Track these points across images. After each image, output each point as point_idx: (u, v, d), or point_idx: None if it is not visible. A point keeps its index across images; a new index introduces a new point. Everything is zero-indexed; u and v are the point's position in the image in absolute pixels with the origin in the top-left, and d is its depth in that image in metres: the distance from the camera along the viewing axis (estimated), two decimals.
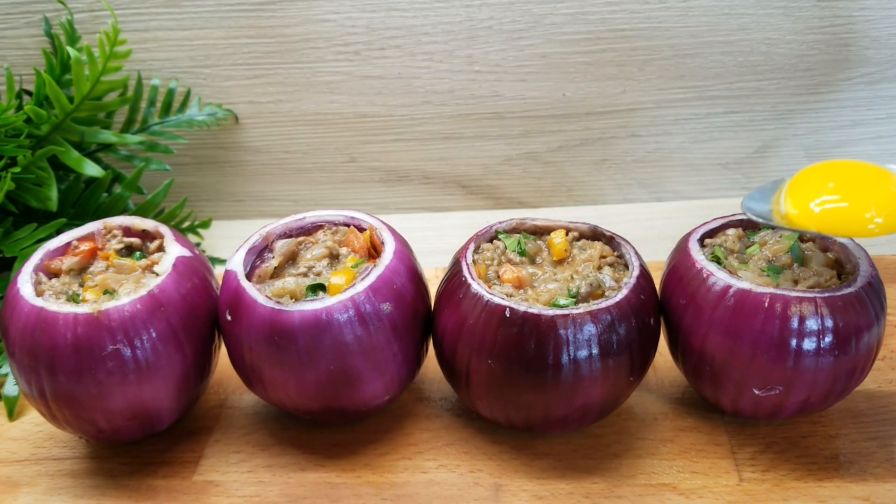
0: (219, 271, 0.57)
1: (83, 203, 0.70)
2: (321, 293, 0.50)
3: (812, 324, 0.46)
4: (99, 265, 0.53)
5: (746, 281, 0.48)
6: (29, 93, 0.71)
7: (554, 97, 0.77)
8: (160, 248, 0.55)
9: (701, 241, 0.53)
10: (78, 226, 0.56)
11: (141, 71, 0.77)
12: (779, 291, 0.47)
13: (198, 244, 0.79)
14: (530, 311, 0.47)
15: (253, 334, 0.49)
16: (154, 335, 0.49)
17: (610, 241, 0.54)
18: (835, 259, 0.52)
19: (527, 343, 0.47)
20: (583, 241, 0.55)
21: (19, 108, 0.70)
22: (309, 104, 0.79)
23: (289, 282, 0.51)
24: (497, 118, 0.79)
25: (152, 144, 0.76)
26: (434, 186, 0.84)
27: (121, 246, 0.54)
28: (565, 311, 0.47)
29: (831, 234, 0.46)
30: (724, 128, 0.79)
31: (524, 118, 0.79)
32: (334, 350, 0.48)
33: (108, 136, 0.71)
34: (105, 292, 0.51)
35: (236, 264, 0.52)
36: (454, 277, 0.51)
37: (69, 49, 0.67)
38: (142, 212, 0.71)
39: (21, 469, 0.54)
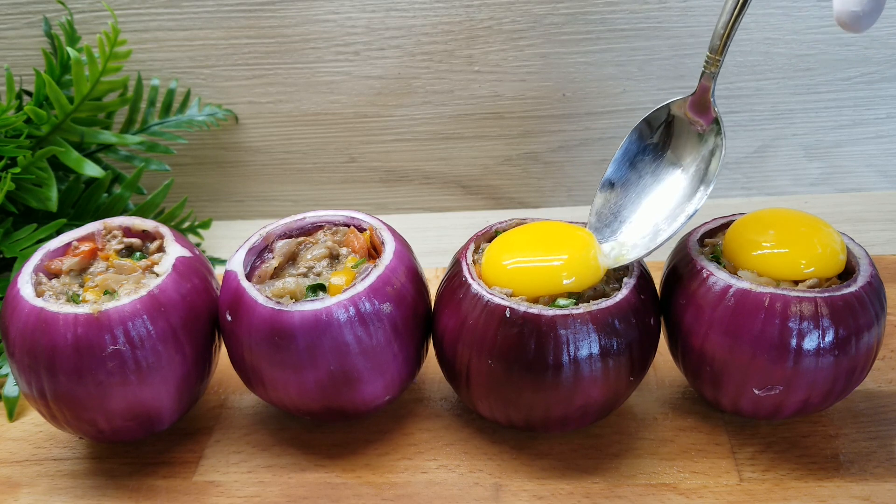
0: (219, 271, 0.57)
1: (83, 203, 0.70)
2: (321, 293, 0.50)
3: (812, 323, 0.46)
4: (99, 266, 0.53)
5: (746, 281, 0.48)
6: (29, 93, 0.71)
7: (554, 97, 0.77)
8: (160, 249, 0.55)
9: (701, 241, 0.53)
10: (78, 226, 0.56)
11: (141, 71, 0.77)
12: (779, 291, 0.47)
13: (198, 244, 0.79)
14: (530, 311, 0.47)
15: (253, 334, 0.49)
16: (154, 335, 0.49)
17: None
18: None
19: (527, 343, 0.47)
20: None
21: (19, 108, 0.70)
22: (309, 104, 0.79)
23: (289, 282, 0.51)
24: (497, 118, 0.79)
25: (152, 145, 0.76)
26: (434, 186, 0.84)
27: (121, 246, 0.54)
28: (565, 312, 0.47)
29: (766, 275, 0.49)
30: (724, 127, 0.79)
31: (524, 118, 0.79)
32: (334, 350, 0.48)
33: (108, 137, 0.71)
34: (105, 293, 0.51)
35: (236, 264, 0.52)
36: (454, 278, 0.51)
37: (69, 49, 0.67)
38: (142, 212, 0.71)
39: (21, 469, 0.54)
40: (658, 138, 0.53)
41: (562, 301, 0.48)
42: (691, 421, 0.54)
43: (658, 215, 0.51)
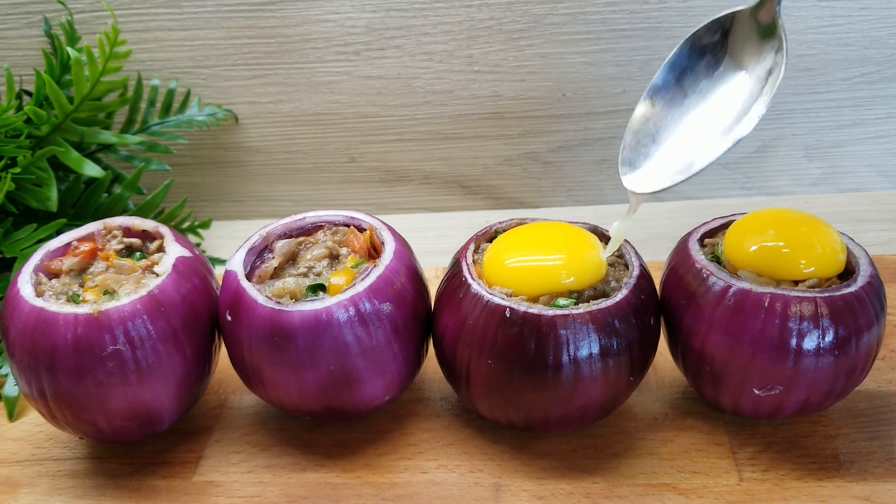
0: (219, 271, 0.57)
1: (83, 203, 0.70)
2: (321, 293, 0.50)
3: (812, 324, 0.46)
4: (99, 266, 0.53)
5: (746, 281, 0.48)
6: (29, 93, 0.71)
7: (554, 97, 0.77)
8: (160, 249, 0.55)
9: (701, 241, 0.53)
10: (78, 226, 0.56)
11: (141, 71, 0.77)
12: (779, 291, 0.47)
13: (198, 244, 0.79)
14: (530, 311, 0.47)
15: (253, 334, 0.49)
16: (154, 335, 0.49)
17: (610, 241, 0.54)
18: None
19: (527, 343, 0.47)
20: None
21: (19, 108, 0.70)
22: (309, 104, 0.79)
23: (289, 282, 0.51)
24: (497, 118, 0.79)
25: (152, 145, 0.76)
26: (434, 186, 0.84)
27: (121, 246, 0.54)
28: (565, 311, 0.47)
29: (766, 275, 0.49)
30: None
31: (524, 118, 0.79)
32: (334, 350, 0.48)
33: (108, 137, 0.71)
34: (105, 293, 0.51)
35: (236, 264, 0.52)
36: (454, 277, 0.51)
37: (69, 49, 0.67)
38: (142, 212, 0.71)
39: (21, 469, 0.54)
40: (712, 48, 0.48)
41: (562, 301, 0.48)
42: (691, 421, 0.54)
43: (698, 140, 0.47)
